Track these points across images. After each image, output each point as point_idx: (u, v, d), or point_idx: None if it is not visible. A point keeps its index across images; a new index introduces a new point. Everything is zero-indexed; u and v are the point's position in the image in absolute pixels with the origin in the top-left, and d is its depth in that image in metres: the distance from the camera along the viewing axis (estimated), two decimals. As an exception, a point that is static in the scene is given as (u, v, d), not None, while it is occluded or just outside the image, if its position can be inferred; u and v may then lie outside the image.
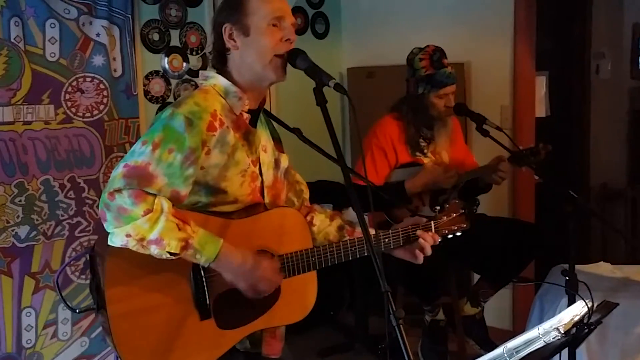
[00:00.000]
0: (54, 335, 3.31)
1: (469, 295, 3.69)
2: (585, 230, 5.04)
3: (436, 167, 3.40)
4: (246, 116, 1.99)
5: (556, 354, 1.82)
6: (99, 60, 3.36)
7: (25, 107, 3.13)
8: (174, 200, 1.83)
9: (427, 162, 3.43)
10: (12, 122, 3.09)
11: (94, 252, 1.89)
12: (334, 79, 1.83)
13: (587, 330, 1.84)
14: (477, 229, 3.45)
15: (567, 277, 2.40)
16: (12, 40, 3.06)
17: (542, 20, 4.12)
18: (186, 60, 3.83)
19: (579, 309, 1.83)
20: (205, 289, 1.88)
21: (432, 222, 2.20)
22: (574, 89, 5.10)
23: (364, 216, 1.69)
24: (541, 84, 4.49)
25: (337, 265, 2.10)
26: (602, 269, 3.35)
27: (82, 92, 3.31)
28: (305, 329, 4.03)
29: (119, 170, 1.78)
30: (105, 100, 3.40)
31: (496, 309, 4.05)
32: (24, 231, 3.16)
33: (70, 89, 3.28)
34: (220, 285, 1.90)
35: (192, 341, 1.88)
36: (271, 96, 4.11)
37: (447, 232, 2.24)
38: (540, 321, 2.87)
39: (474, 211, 2.98)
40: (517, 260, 3.45)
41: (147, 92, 3.68)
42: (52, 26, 3.19)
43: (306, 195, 2.28)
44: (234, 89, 1.95)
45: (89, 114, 3.35)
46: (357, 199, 1.66)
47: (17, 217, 3.14)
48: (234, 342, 1.95)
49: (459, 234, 2.28)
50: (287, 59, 1.94)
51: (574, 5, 4.97)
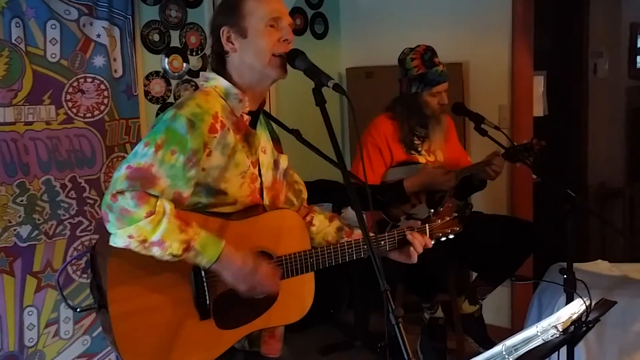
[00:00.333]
0: (56, 333, 3.33)
1: (467, 293, 3.71)
2: (583, 228, 5.05)
3: (436, 168, 3.41)
4: (246, 118, 1.99)
5: (555, 352, 1.84)
6: (99, 60, 3.37)
7: (26, 107, 3.15)
8: (177, 201, 1.83)
9: (422, 160, 3.45)
10: (14, 123, 3.10)
11: (95, 252, 1.90)
12: (333, 79, 1.83)
13: (585, 328, 1.85)
14: (474, 227, 3.48)
15: (565, 276, 2.41)
16: (13, 41, 3.07)
17: (540, 19, 4.13)
18: (186, 60, 3.84)
19: (577, 307, 1.85)
20: (205, 289, 1.89)
21: (427, 225, 2.23)
22: (571, 88, 5.11)
23: (363, 216, 1.71)
24: (539, 84, 4.51)
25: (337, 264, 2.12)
26: (600, 267, 3.36)
27: (83, 92, 3.33)
28: (305, 327, 4.05)
29: (122, 171, 1.78)
30: (105, 100, 3.41)
31: (495, 307, 4.06)
32: (25, 231, 3.18)
33: (71, 90, 3.29)
34: (220, 285, 1.91)
35: (192, 341, 1.88)
36: (271, 97, 4.12)
37: (440, 234, 2.27)
38: (538, 319, 2.89)
39: (467, 215, 3.00)
40: (514, 257, 3.46)
41: (147, 93, 3.70)
42: (53, 27, 3.20)
43: (305, 195, 2.28)
44: (234, 90, 1.96)
45: (89, 115, 3.36)
46: (356, 199, 1.67)
47: (19, 216, 3.15)
48: (233, 341, 1.96)
49: (452, 237, 2.31)
50: (286, 59, 1.94)
51: (571, 4, 4.98)
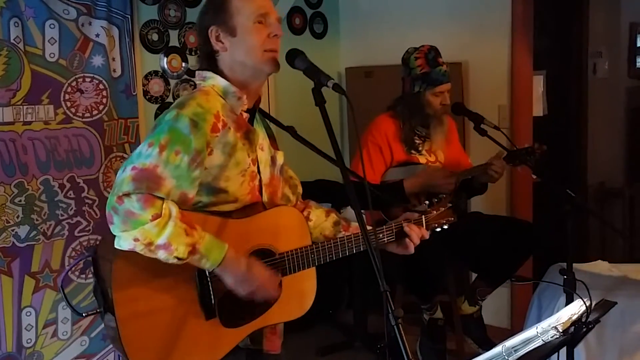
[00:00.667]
0: (54, 334, 3.32)
1: (467, 294, 3.70)
2: (583, 228, 5.05)
3: (437, 170, 3.41)
4: (245, 115, 2.00)
5: (554, 353, 1.83)
6: (98, 60, 3.36)
7: (25, 107, 3.14)
8: (182, 202, 1.83)
9: (422, 160, 3.45)
10: (12, 123, 3.09)
11: (97, 256, 1.89)
12: (333, 79, 1.83)
13: (585, 329, 1.85)
14: (473, 227, 3.49)
15: (565, 276, 2.40)
16: (12, 40, 3.06)
17: (539, 19, 4.13)
18: (185, 60, 3.83)
19: (577, 308, 1.85)
20: (210, 289, 1.89)
21: (423, 217, 2.24)
22: (571, 88, 5.11)
23: (362, 213, 1.71)
24: (539, 83, 4.50)
25: (336, 264, 2.12)
26: (600, 267, 3.36)
27: (82, 92, 3.32)
28: (304, 327, 4.05)
29: (127, 173, 1.77)
30: (104, 100, 3.40)
31: (494, 308, 4.06)
32: (23, 231, 3.17)
33: (69, 89, 3.28)
34: (224, 284, 1.92)
35: (199, 340, 1.90)
36: (270, 97, 4.11)
37: (436, 225, 2.30)
38: (538, 320, 2.88)
39: (461, 205, 3.04)
40: (514, 258, 3.46)
41: (146, 92, 3.69)
42: (52, 27, 3.20)
43: (300, 190, 2.30)
44: (232, 89, 1.96)
45: (88, 114, 3.35)
46: (355, 198, 1.67)
47: (17, 217, 3.14)
48: (239, 339, 1.97)
49: (447, 227, 2.33)
50: (286, 57, 1.94)
51: (571, 4, 4.98)
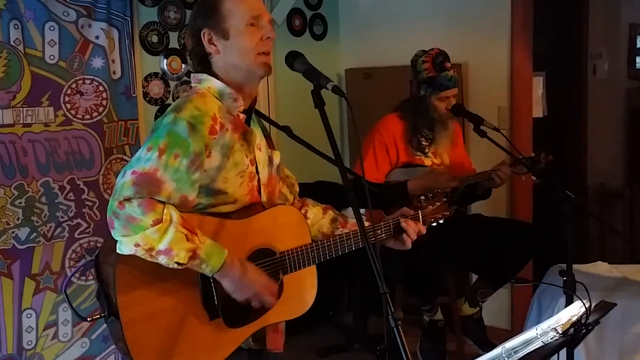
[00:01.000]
0: (55, 336, 3.32)
1: (467, 295, 3.70)
2: (583, 230, 5.05)
3: (442, 174, 3.41)
4: (242, 116, 2.01)
5: (554, 354, 1.83)
6: (98, 62, 3.37)
7: (24, 109, 3.14)
8: (183, 205, 1.84)
9: (427, 162, 3.45)
10: (12, 125, 3.10)
11: (99, 260, 1.89)
12: (332, 81, 1.84)
13: (585, 330, 1.85)
14: (474, 229, 3.50)
15: (564, 277, 2.40)
16: (12, 43, 3.07)
17: (539, 20, 4.13)
18: (185, 62, 3.83)
19: (576, 309, 1.85)
20: (213, 289, 1.90)
21: (420, 212, 2.25)
22: (571, 89, 5.12)
23: (361, 215, 1.71)
24: (538, 85, 4.50)
25: (336, 265, 2.13)
26: (600, 268, 3.36)
27: (82, 94, 3.32)
28: (304, 328, 4.06)
29: (127, 177, 1.77)
30: (104, 102, 3.40)
31: (494, 309, 4.05)
32: (24, 233, 3.17)
33: (69, 91, 3.28)
34: None
35: (203, 341, 1.91)
36: (270, 99, 4.11)
37: (432, 220, 2.30)
38: (538, 321, 2.88)
39: (455, 199, 3.06)
40: (515, 260, 3.46)
41: (146, 94, 3.69)
42: (52, 29, 3.20)
43: (297, 188, 2.30)
44: (228, 90, 1.97)
45: (88, 116, 3.36)
46: (354, 198, 1.68)
47: (17, 219, 3.15)
48: (243, 339, 1.99)
49: (442, 222, 2.33)
50: (285, 59, 1.95)
51: (570, 5, 4.98)
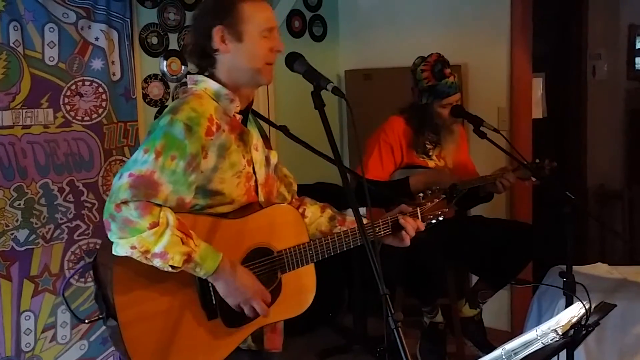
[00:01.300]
0: (53, 338, 3.32)
1: (468, 296, 3.70)
2: (582, 231, 5.05)
3: (444, 170, 3.40)
4: (239, 117, 2.01)
5: (554, 356, 1.83)
6: (97, 64, 3.37)
7: (24, 111, 3.14)
8: (180, 206, 1.84)
9: (431, 164, 3.45)
10: (11, 126, 3.10)
11: (97, 263, 1.90)
12: (332, 82, 1.85)
13: (585, 331, 1.85)
14: (474, 230, 3.49)
15: (564, 279, 2.40)
16: (11, 44, 3.07)
17: (538, 22, 4.13)
18: (184, 63, 3.84)
19: (576, 311, 1.85)
20: (210, 289, 1.91)
21: (418, 209, 2.25)
22: (570, 90, 5.11)
23: (360, 215, 1.71)
24: (538, 86, 4.50)
25: (336, 266, 2.12)
26: (600, 269, 3.36)
27: (81, 95, 3.32)
28: (304, 330, 4.05)
29: (124, 180, 1.78)
30: (104, 103, 3.40)
31: (494, 310, 4.05)
32: (23, 235, 3.17)
33: (69, 93, 3.28)
34: None
35: (202, 341, 1.91)
36: (270, 100, 4.10)
37: (431, 217, 2.29)
38: (538, 322, 2.88)
39: (454, 196, 3.05)
40: (515, 261, 3.46)
41: (145, 96, 3.69)
42: (51, 30, 3.20)
43: (295, 187, 2.31)
44: (225, 91, 1.97)
45: (87, 118, 3.36)
46: (354, 197, 1.68)
47: (16, 220, 3.14)
48: (242, 338, 1.99)
49: (441, 219, 2.32)
50: (285, 63, 1.96)
51: (570, 7, 4.99)
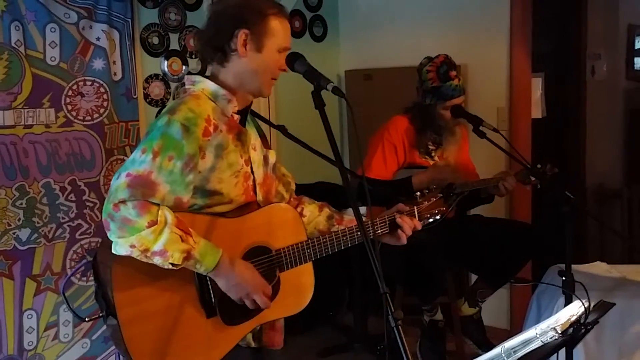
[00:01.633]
0: (55, 337, 3.33)
1: (467, 295, 3.71)
2: (581, 230, 5.05)
3: (446, 166, 3.41)
4: (236, 117, 2.02)
5: (553, 354, 1.84)
6: (99, 64, 3.38)
7: (26, 110, 3.15)
8: (177, 206, 1.85)
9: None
10: (13, 126, 3.11)
11: (97, 262, 1.91)
12: (332, 82, 1.85)
13: (584, 330, 1.86)
14: (474, 229, 3.50)
15: (563, 277, 2.41)
16: (13, 44, 3.08)
17: (537, 21, 4.14)
18: (185, 63, 3.85)
19: (575, 309, 1.86)
20: (209, 287, 1.92)
21: (415, 208, 2.26)
22: (569, 90, 5.12)
23: (361, 214, 1.72)
24: (537, 86, 4.50)
25: (336, 265, 2.13)
26: (599, 268, 3.37)
27: (83, 95, 3.33)
28: (304, 329, 4.06)
29: (122, 179, 1.79)
30: (105, 103, 3.42)
31: (494, 309, 4.06)
32: (25, 234, 3.18)
33: (70, 93, 3.29)
34: None
35: (201, 339, 1.92)
36: (270, 100, 4.11)
37: (428, 216, 2.30)
38: (537, 321, 2.89)
39: (451, 194, 3.06)
40: (515, 260, 3.47)
41: (147, 96, 3.70)
42: (53, 30, 3.21)
43: (293, 186, 2.32)
44: (222, 91, 1.98)
45: (89, 118, 3.37)
46: (354, 197, 1.69)
47: (18, 220, 3.16)
48: (241, 336, 2.00)
49: (438, 218, 2.33)
50: (285, 61, 1.98)
51: (569, 7, 4.99)
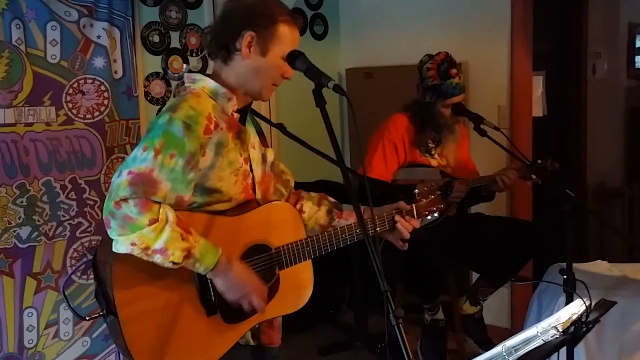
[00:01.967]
0: (56, 335, 3.33)
1: (468, 294, 3.71)
2: (582, 228, 5.06)
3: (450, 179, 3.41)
4: (236, 115, 2.02)
5: (554, 353, 1.84)
6: (99, 62, 3.38)
7: (26, 108, 3.15)
8: (178, 204, 1.85)
9: (434, 163, 3.46)
10: (14, 124, 3.10)
11: (97, 260, 1.91)
12: (333, 80, 1.84)
13: (585, 328, 1.86)
14: (475, 228, 3.50)
15: (565, 276, 2.41)
16: (14, 42, 3.08)
17: (538, 20, 4.13)
18: (186, 61, 3.85)
19: (577, 308, 1.86)
20: (210, 285, 1.92)
21: (414, 206, 2.26)
22: (570, 88, 5.12)
23: (362, 214, 1.71)
24: (538, 84, 4.50)
25: (337, 264, 2.13)
26: (600, 267, 3.36)
27: (83, 93, 3.33)
28: (305, 327, 4.06)
29: (123, 177, 1.78)
30: (106, 101, 3.41)
31: (494, 308, 4.06)
32: (25, 232, 3.18)
33: (71, 91, 3.29)
34: None
35: (201, 337, 1.92)
36: (270, 98, 4.11)
37: (427, 213, 2.30)
38: (538, 320, 2.89)
39: (449, 192, 3.05)
40: (516, 258, 3.47)
41: (147, 94, 3.70)
42: (53, 28, 3.21)
43: (292, 184, 2.32)
44: (222, 90, 1.98)
45: (89, 116, 3.36)
46: (355, 196, 1.69)
47: (19, 218, 3.15)
48: (241, 334, 2.00)
49: (437, 215, 2.33)
50: (286, 59, 1.97)
51: (570, 5, 4.99)
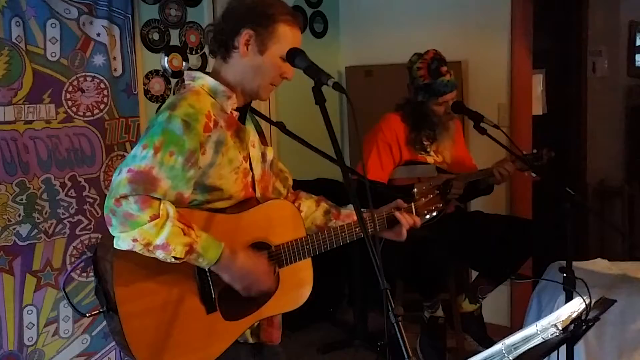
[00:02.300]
0: (56, 332, 3.33)
1: (468, 291, 3.71)
2: (582, 227, 5.06)
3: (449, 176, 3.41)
4: (235, 114, 2.02)
5: (554, 351, 1.84)
6: (99, 59, 3.37)
7: (26, 106, 3.15)
8: (178, 202, 1.86)
9: (430, 160, 3.46)
10: (14, 122, 3.10)
11: (97, 257, 1.92)
12: (333, 78, 1.84)
13: (584, 327, 1.86)
14: (474, 226, 3.51)
15: (564, 274, 2.41)
16: (13, 40, 3.07)
17: (539, 18, 4.13)
18: (186, 59, 3.85)
19: (576, 306, 1.85)
20: (210, 283, 1.93)
21: (413, 204, 2.26)
22: (570, 86, 5.12)
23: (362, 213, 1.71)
24: (538, 82, 4.50)
25: (336, 261, 2.14)
26: (600, 265, 3.36)
27: (83, 91, 3.33)
28: (304, 325, 4.06)
29: (123, 175, 1.79)
30: (105, 99, 3.41)
31: (494, 306, 4.07)
32: (25, 230, 3.18)
33: (71, 89, 3.29)
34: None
35: (201, 334, 1.93)
36: (270, 96, 4.11)
37: (426, 212, 2.31)
38: (537, 318, 2.89)
39: (448, 191, 3.06)
40: (515, 256, 3.47)
41: (147, 91, 3.70)
42: (53, 26, 3.20)
43: (290, 182, 2.33)
44: (222, 88, 1.98)
45: (89, 113, 3.36)
46: (355, 195, 1.69)
47: (19, 215, 3.15)
48: (240, 332, 2.01)
49: (435, 214, 2.34)
50: (286, 57, 1.96)
51: (570, 3, 4.99)
